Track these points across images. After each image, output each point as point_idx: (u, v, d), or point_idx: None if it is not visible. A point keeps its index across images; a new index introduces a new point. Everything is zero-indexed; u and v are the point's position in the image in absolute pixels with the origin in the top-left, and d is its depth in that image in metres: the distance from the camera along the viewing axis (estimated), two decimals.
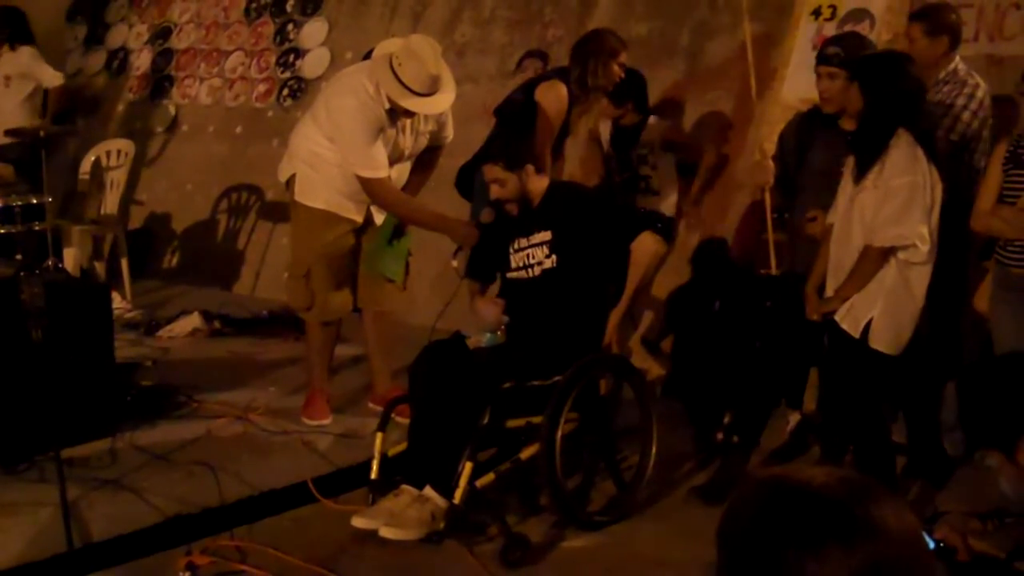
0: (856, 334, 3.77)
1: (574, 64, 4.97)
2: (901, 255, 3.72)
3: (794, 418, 4.60)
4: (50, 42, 8.18)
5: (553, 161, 4.98)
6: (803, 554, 1.20)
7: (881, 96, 3.74)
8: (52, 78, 7.42)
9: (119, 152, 7.33)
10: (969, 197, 4.14)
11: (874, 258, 3.73)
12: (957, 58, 4.30)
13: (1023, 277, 3.84)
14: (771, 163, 4.53)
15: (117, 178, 7.29)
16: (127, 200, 7.71)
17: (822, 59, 4.19)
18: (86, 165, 7.26)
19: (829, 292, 3.91)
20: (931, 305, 3.81)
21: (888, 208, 3.67)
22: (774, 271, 4.60)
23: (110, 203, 7.26)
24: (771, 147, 4.68)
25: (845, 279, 3.81)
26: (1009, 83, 4.75)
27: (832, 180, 4.00)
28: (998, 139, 4.08)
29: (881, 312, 3.75)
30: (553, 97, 4.91)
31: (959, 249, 4.04)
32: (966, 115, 4.19)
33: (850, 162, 3.89)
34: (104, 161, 7.28)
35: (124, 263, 7.04)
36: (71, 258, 6.82)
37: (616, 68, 4.99)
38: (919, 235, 3.66)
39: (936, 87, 4.24)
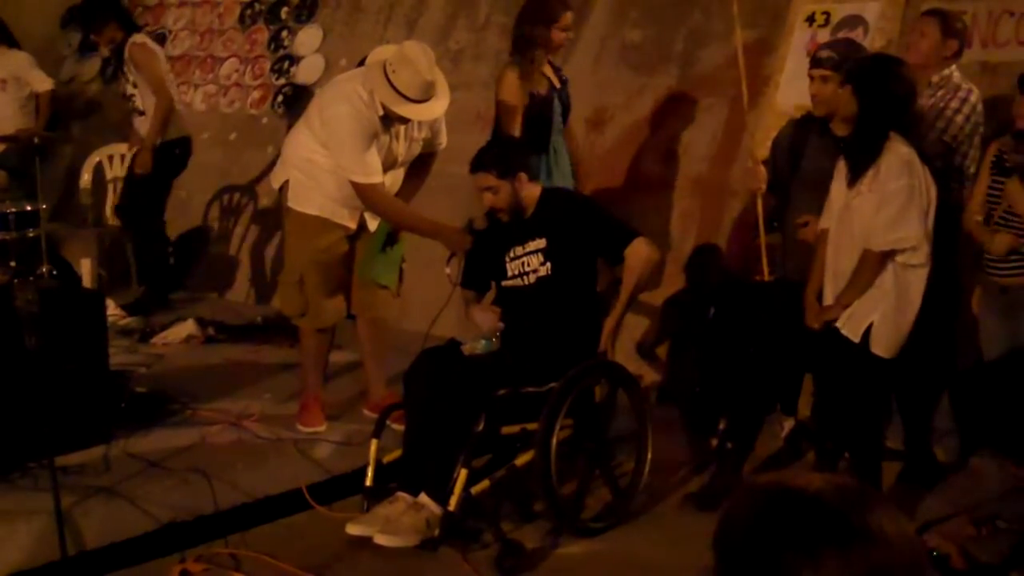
0: (856, 339, 3.77)
1: (515, 30, 5.02)
2: (900, 258, 3.72)
3: (788, 424, 4.60)
4: (44, 49, 8.18)
5: (539, 154, 4.97)
6: (799, 560, 1.20)
7: (874, 99, 3.75)
8: (42, 82, 7.43)
9: (122, 157, 7.33)
10: (959, 201, 4.16)
11: (874, 263, 3.73)
12: (954, 65, 4.32)
13: (1006, 287, 3.85)
14: (763, 169, 4.54)
15: (119, 184, 7.29)
16: None
17: (815, 62, 4.22)
18: (88, 171, 7.26)
19: (828, 299, 3.90)
20: (926, 309, 3.82)
21: (886, 212, 3.68)
22: (767, 277, 4.61)
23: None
24: (764, 153, 4.69)
25: (846, 285, 3.81)
26: (1002, 89, 4.77)
27: (825, 185, 4.01)
28: (989, 143, 4.12)
29: (882, 316, 3.75)
30: (503, 86, 5.01)
31: (950, 253, 4.05)
32: (959, 118, 4.21)
33: (840, 167, 3.89)
34: (107, 166, 7.28)
35: (133, 271, 7.05)
36: (87, 268, 6.81)
37: (557, 34, 5.03)
38: (918, 237, 3.68)
39: (930, 90, 4.25)
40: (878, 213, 3.70)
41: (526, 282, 4.17)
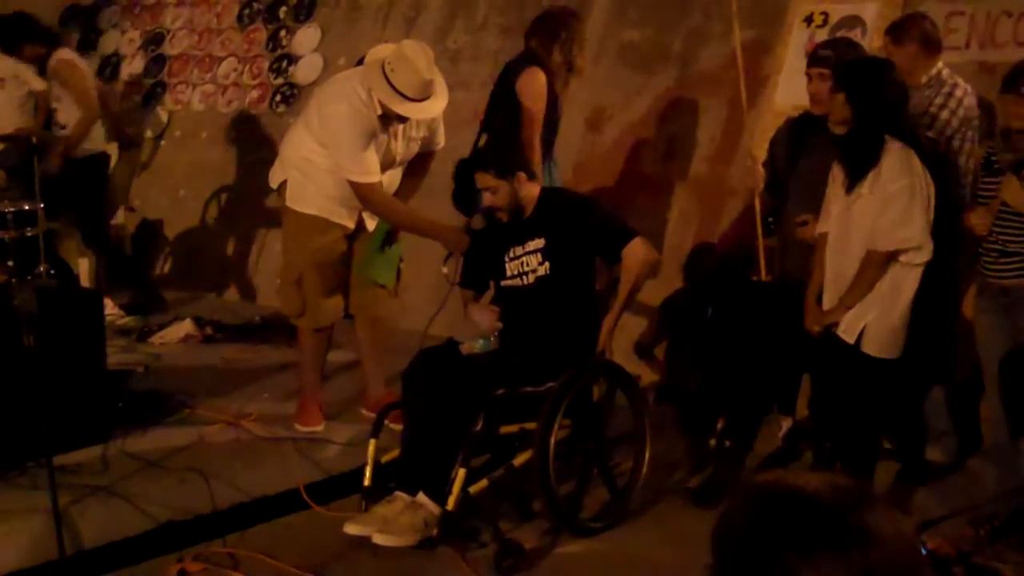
0: (851, 340, 3.77)
1: (549, 40, 5.00)
2: (903, 258, 3.72)
3: (786, 424, 4.60)
4: None
5: (545, 154, 4.97)
6: (797, 560, 1.20)
7: (868, 106, 3.74)
8: (40, 81, 7.43)
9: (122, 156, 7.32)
10: (956, 200, 4.16)
11: (878, 263, 3.73)
12: (940, 64, 4.32)
13: (1007, 288, 3.86)
14: (761, 168, 4.55)
15: (122, 182, 7.28)
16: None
17: (813, 60, 4.22)
18: None
19: (828, 303, 3.90)
20: (924, 310, 3.82)
21: (890, 212, 3.68)
22: (765, 277, 4.61)
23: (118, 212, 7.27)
24: (762, 153, 4.69)
25: (848, 288, 3.80)
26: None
27: (823, 184, 4.01)
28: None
29: (875, 317, 3.75)
30: (535, 86, 4.93)
31: (948, 253, 4.05)
32: (944, 113, 4.22)
33: (836, 171, 3.89)
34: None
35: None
36: (85, 269, 6.80)
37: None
38: (923, 236, 3.68)
39: (919, 92, 4.25)
40: (882, 215, 3.69)
41: (525, 282, 4.16)
